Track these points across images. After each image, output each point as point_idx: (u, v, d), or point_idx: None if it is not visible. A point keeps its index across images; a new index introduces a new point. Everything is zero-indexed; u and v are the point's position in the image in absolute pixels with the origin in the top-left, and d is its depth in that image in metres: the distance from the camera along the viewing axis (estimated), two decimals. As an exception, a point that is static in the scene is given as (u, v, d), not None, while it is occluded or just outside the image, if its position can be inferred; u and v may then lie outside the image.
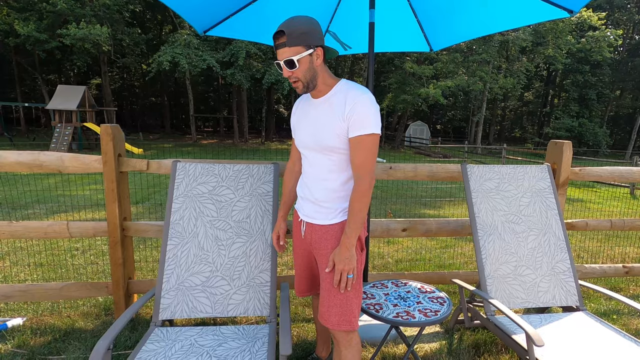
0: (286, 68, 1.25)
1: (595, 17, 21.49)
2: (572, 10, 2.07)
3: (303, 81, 1.28)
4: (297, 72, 1.25)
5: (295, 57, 1.22)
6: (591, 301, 2.67)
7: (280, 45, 1.23)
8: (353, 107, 1.25)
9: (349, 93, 1.28)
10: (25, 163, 2.02)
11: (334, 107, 1.30)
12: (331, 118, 1.30)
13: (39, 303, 2.44)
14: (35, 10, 17.00)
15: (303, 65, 1.25)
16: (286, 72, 1.27)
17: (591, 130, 25.95)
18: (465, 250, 3.95)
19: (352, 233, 1.27)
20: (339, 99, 1.30)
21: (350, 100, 1.26)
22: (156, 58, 17.09)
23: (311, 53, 1.25)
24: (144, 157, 14.05)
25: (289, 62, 1.23)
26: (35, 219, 4.75)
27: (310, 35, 1.23)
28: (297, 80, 1.28)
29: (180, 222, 1.84)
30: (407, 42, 2.95)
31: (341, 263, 1.28)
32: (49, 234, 2.12)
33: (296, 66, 1.24)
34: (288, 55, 1.23)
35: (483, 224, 2.00)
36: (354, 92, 1.28)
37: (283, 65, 1.26)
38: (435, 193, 7.83)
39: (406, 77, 20.91)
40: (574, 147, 25.29)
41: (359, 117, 1.24)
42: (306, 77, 1.27)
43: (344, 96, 1.29)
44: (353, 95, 1.27)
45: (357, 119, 1.24)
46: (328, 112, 1.31)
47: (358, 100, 1.25)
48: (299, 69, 1.25)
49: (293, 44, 1.22)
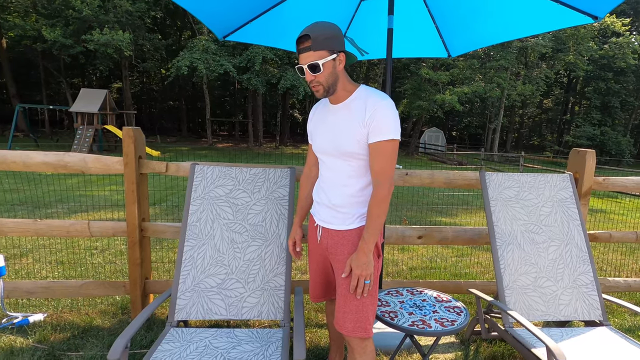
0: (309, 72, 1.25)
1: (619, 23, 20.93)
2: (597, 16, 2.02)
3: (325, 85, 1.28)
4: (319, 76, 1.25)
5: (320, 61, 1.22)
6: (615, 316, 2.57)
7: (305, 49, 1.23)
8: (373, 113, 1.25)
9: (368, 99, 1.28)
10: (51, 163, 2.09)
11: (353, 113, 1.30)
12: (351, 123, 1.29)
13: (59, 300, 2.51)
14: (62, 16, 17.68)
15: (326, 69, 1.25)
16: (309, 76, 1.27)
17: (614, 139, 25.12)
18: (482, 259, 3.87)
19: (370, 238, 1.26)
20: (358, 104, 1.30)
21: (371, 106, 1.26)
22: (175, 63, 17.50)
23: (334, 58, 1.25)
24: (161, 159, 14.35)
25: (313, 66, 1.23)
26: (57, 217, 4.90)
27: (334, 40, 1.24)
28: (318, 84, 1.27)
29: (197, 224, 1.87)
30: (425, 47, 2.94)
31: (359, 268, 1.27)
32: (71, 233, 2.19)
33: (320, 70, 1.24)
34: (312, 59, 1.23)
35: (502, 233, 1.95)
36: (374, 97, 1.28)
37: (306, 69, 1.25)
38: (451, 201, 7.71)
39: (422, 83, 20.77)
40: (595, 156, 24.52)
41: (379, 123, 1.24)
42: (328, 82, 1.27)
43: (363, 102, 1.29)
44: (373, 101, 1.27)
45: (377, 124, 1.24)
46: (347, 118, 1.31)
47: (378, 106, 1.25)
48: (322, 73, 1.25)
49: (318, 48, 1.22)
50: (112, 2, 17.31)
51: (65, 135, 22.86)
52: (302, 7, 2.45)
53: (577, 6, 2.02)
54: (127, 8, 17.30)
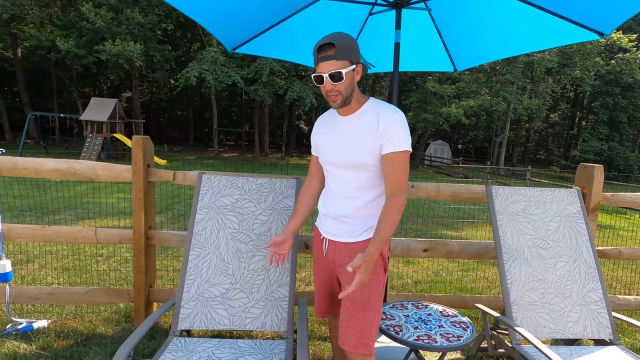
0: (329, 81, 1.24)
1: (625, 39, 20.99)
2: (603, 32, 2.03)
3: (344, 95, 1.28)
4: (340, 85, 1.25)
5: (343, 70, 1.23)
6: (625, 335, 2.51)
7: (327, 57, 1.22)
8: (387, 124, 1.27)
9: (381, 111, 1.30)
10: (61, 170, 2.13)
11: (365, 124, 1.31)
12: (363, 135, 1.30)
13: (63, 307, 2.52)
14: (76, 28, 18.16)
15: (347, 79, 1.26)
16: (328, 85, 1.26)
17: (622, 154, 24.89)
18: (488, 274, 3.82)
19: (382, 244, 1.20)
20: (370, 116, 1.31)
21: (384, 118, 1.28)
22: (184, 73, 17.81)
23: (354, 69, 1.27)
24: (168, 168, 14.48)
25: (336, 75, 1.23)
26: (65, 224, 4.95)
27: (355, 51, 1.26)
28: (338, 94, 1.27)
29: (203, 233, 1.88)
30: (431, 61, 2.97)
31: (365, 275, 1.18)
32: (78, 239, 2.20)
33: (342, 79, 1.24)
34: (335, 68, 1.23)
35: (508, 247, 1.93)
36: (386, 109, 1.30)
37: (326, 78, 1.24)
38: (457, 214, 7.65)
39: (428, 96, 20.86)
40: (604, 171, 24.27)
41: (392, 134, 1.26)
42: (347, 92, 1.28)
43: (375, 114, 1.30)
44: (386, 113, 1.29)
45: (390, 136, 1.26)
46: (359, 129, 1.32)
47: (391, 118, 1.27)
48: (343, 82, 1.25)
49: (340, 57, 1.22)
50: (125, 14, 17.78)
51: (75, 143, 23.21)
52: (310, 21, 2.50)
53: (583, 23, 2.03)
54: (139, 20, 17.74)
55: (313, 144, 1.52)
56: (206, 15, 2.06)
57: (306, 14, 2.46)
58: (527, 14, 2.14)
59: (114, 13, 17.55)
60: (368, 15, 2.61)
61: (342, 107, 1.31)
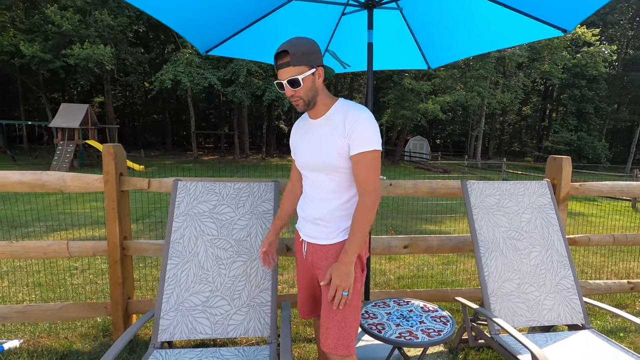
0: (289, 87, 1.27)
1: (589, 34, 21.92)
2: (566, 29, 2.11)
3: (305, 99, 1.29)
4: (299, 91, 1.27)
5: (299, 76, 1.24)
6: (597, 318, 2.62)
7: (284, 64, 1.25)
8: (353, 125, 1.27)
9: (348, 112, 1.31)
10: (27, 183, 2.03)
11: (333, 126, 1.32)
12: (332, 137, 1.31)
13: (36, 324, 2.41)
14: (41, 31, 17.40)
15: (306, 84, 1.27)
16: (289, 91, 1.28)
17: (590, 143, 26.07)
18: (468, 266, 3.91)
19: (353, 250, 1.26)
20: (338, 117, 1.32)
21: (350, 119, 1.28)
22: (159, 76, 17.39)
23: (313, 72, 1.27)
24: (145, 173, 14.10)
25: (293, 81, 1.25)
26: (35, 237, 4.74)
27: (312, 55, 1.26)
28: (299, 99, 1.29)
29: (181, 241, 1.84)
30: (405, 60, 3.01)
31: (338, 278, 1.26)
32: (49, 254, 2.11)
33: (300, 85, 1.26)
34: (291, 75, 1.25)
35: (484, 240, 1.99)
36: (353, 110, 1.30)
37: (286, 85, 1.27)
38: (437, 208, 7.81)
39: (405, 92, 21.16)
40: (573, 160, 25.37)
41: (359, 134, 1.27)
42: (308, 96, 1.29)
43: (343, 115, 1.31)
44: (352, 113, 1.29)
45: (357, 136, 1.27)
46: (328, 132, 1.33)
47: (357, 118, 1.28)
48: (302, 87, 1.27)
49: (296, 64, 1.24)
50: (93, 16, 17.17)
51: (45, 151, 22.27)
52: (284, 22, 2.49)
53: (547, 20, 2.11)
54: (108, 22, 17.18)
55: (291, 148, 1.53)
56: (177, 17, 2.01)
57: (279, 15, 2.44)
58: (495, 12, 2.20)
59: (82, 15, 16.91)
60: (341, 15, 2.62)
61: (307, 110, 1.34)
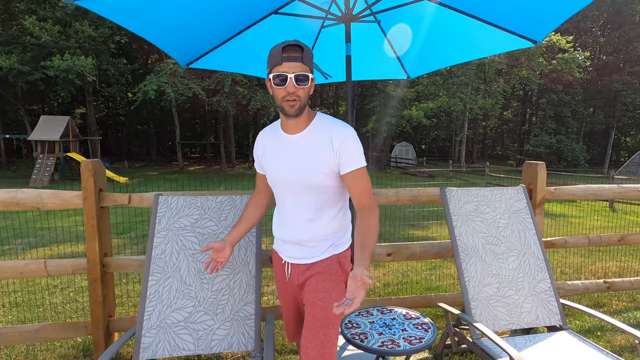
0: (294, 83, 1.18)
1: (563, 41, 22.74)
2: (536, 40, 2.21)
3: (302, 102, 1.23)
4: (302, 90, 1.21)
5: (310, 75, 1.20)
6: (576, 319, 2.70)
7: (295, 58, 1.18)
8: (342, 142, 1.25)
9: (332, 128, 1.27)
10: (2, 201, 1.99)
11: (318, 145, 1.27)
12: (318, 157, 1.26)
13: (13, 347, 2.33)
14: (19, 43, 17.05)
15: (310, 85, 1.23)
16: (291, 87, 1.19)
17: (569, 146, 26.94)
18: (452, 271, 3.97)
19: (370, 257, 1.19)
20: (322, 134, 1.27)
21: (337, 136, 1.25)
22: (142, 87, 17.21)
23: (312, 77, 1.24)
24: (129, 185, 13.84)
25: (302, 78, 1.19)
26: (13, 255, 4.59)
27: (312, 63, 1.25)
28: (298, 99, 1.21)
29: (162, 257, 1.82)
30: (385, 70, 3.07)
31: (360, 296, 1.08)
32: (25, 274, 2.06)
33: (307, 83, 1.20)
34: (302, 70, 1.19)
35: (464, 246, 2.03)
36: (337, 127, 1.27)
37: (291, 79, 1.18)
38: (422, 214, 7.91)
39: (389, 99, 21.49)
40: (554, 163, 26.13)
41: (350, 151, 1.25)
42: (305, 99, 1.24)
43: (327, 132, 1.27)
44: (338, 131, 1.26)
45: (349, 154, 1.25)
46: (312, 151, 1.27)
47: (345, 135, 1.25)
48: (306, 88, 1.22)
49: (307, 64, 1.20)
50: (74, 27, 16.93)
51: (24, 164, 21.64)
52: (265, 35, 2.52)
53: (517, 32, 2.20)
54: (89, 33, 16.99)
55: (258, 164, 1.46)
56: (156, 31, 2.02)
57: (260, 28, 2.47)
58: (468, 25, 2.28)
59: (62, 27, 16.66)
60: (320, 28, 2.67)
61: (297, 116, 1.24)
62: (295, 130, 1.30)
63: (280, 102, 1.23)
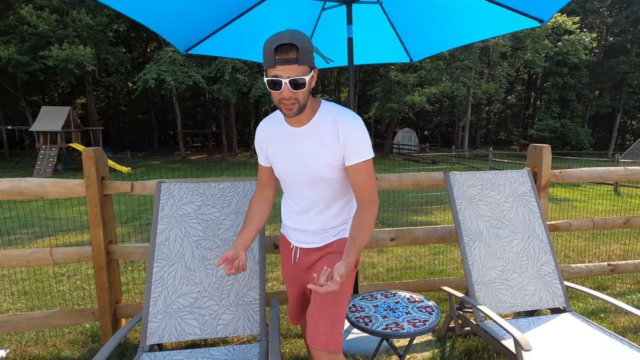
0: (289, 88, 1.09)
1: (569, 22, 22.28)
2: (542, 19, 2.15)
3: (301, 103, 1.14)
4: (301, 93, 1.12)
5: (306, 77, 1.10)
6: (579, 301, 2.71)
7: (290, 60, 1.06)
8: (348, 134, 1.20)
9: (338, 119, 1.22)
10: (5, 191, 1.99)
11: (324, 137, 1.22)
12: (324, 150, 1.23)
13: (22, 333, 2.37)
14: (17, 33, 16.89)
15: (307, 86, 1.13)
16: (287, 92, 1.10)
17: (573, 130, 26.64)
18: (456, 255, 3.98)
19: (358, 253, 1.16)
20: (328, 127, 1.22)
21: (343, 127, 1.20)
22: (142, 76, 17.08)
23: (312, 75, 1.14)
24: (132, 175, 13.89)
25: (299, 82, 1.09)
26: (19, 244, 4.64)
27: (312, 54, 1.13)
28: (296, 102, 1.13)
29: (166, 244, 1.83)
30: (387, 53, 3.02)
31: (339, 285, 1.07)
32: (32, 262, 2.08)
33: (305, 87, 1.11)
34: (297, 74, 1.08)
35: (468, 230, 2.03)
36: (343, 117, 1.21)
37: (286, 84, 1.08)
38: (425, 199, 7.90)
39: (391, 85, 21.24)
40: (558, 147, 25.91)
41: (355, 144, 1.20)
42: (305, 99, 1.15)
43: (333, 123, 1.22)
44: (344, 121, 1.21)
45: (354, 146, 1.20)
46: (318, 142, 1.23)
47: (351, 127, 1.20)
48: (304, 90, 1.12)
49: (303, 62, 1.08)
50: (71, 16, 16.72)
51: (27, 156, 21.72)
52: (264, 18, 2.47)
53: (523, 11, 2.14)
54: (87, 22, 16.77)
55: (262, 156, 1.40)
56: (154, 17, 1.98)
57: (259, 11, 2.42)
58: (473, 4, 2.22)
59: (59, 15, 16.45)
60: (321, 10, 2.61)
61: (296, 115, 1.17)
62: (299, 123, 1.24)
63: (277, 104, 1.16)
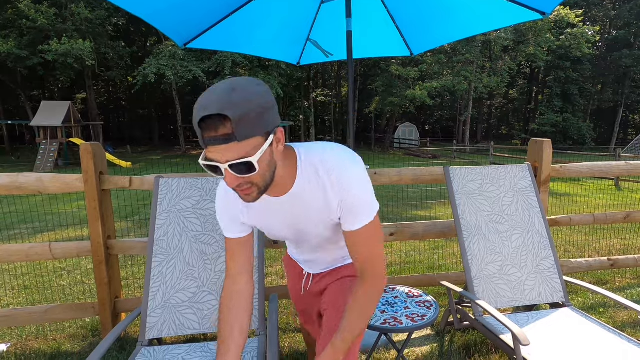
0: (231, 174, 0.77)
1: (572, 15, 22.08)
2: (545, 12, 2.12)
3: (261, 186, 0.83)
4: (254, 177, 0.80)
5: (254, 158, 0.76)
6: (579, 296, 2.71)
7: (223, 139, 0.72)
8: (343, 198, 0.93)
9: (327, 177, 0.92)
10: (4, 186, 1.98)
11: (315, 204, 0.96)
12: (319, 214, 0.98)
13: (23, 327, 2.39)
14: (15, 27, 16.80)
15: (263, 163, 0.79)
16: (233, 180, 0.78)
17: (575, 124, 26.52)
18: (455, 250, 3.98)
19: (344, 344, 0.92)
20: (317, 193, 0.94)
21: (336, 186, 0.92)
22: (141, 70, 17.01)
23: (272, 142, 0.80)
24: (132, 170, 13.90)
25: (243, 166, 0.76)
26: (20, 239, 4.66)
27: (268, 112, 0.77)
28: (251, 186, 0.82)
29: (165, 239, 1.82)
30: (387, 47, 2.99)
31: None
32: (31, 257, 2.08)
33: (255, 170, 0.78)
34: (241, 155, 0.75)
35: (467, 225, 2.02)
36: (334, 172, 0.91)
37: (227, 171, 0.77)
38: (425, 194, 7.89)
39: (392, 79, 21.13)
40: (559, 142, 25.82)
41: (354, 206, 0.93)
42: (265, 179, 0.83)
43: (321, 185, 0.93)
44: (336, 178, 0.91)
45: (354, 208, 0.93)
46: (310, 210, 0.98)
47: (347, 184, 0.91)
48: (258, 172, 0.80)
49: (247, 135, 0.73)
50: (70, 10, 16.62)
51: (28, 151, 21.73)
52: (263, 12, 2.44)
53: (526, 3, 2.11)
54: (86, 15, 16.67)
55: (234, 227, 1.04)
56: (151, 10, 1.95)
57: (258, 4, 2.39)
58: (474, -4, 2.19)
59: (57, 9, 16.36)
60: (320, 3, 2.58)
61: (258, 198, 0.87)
62: (277, 193, 0.95)
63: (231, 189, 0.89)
